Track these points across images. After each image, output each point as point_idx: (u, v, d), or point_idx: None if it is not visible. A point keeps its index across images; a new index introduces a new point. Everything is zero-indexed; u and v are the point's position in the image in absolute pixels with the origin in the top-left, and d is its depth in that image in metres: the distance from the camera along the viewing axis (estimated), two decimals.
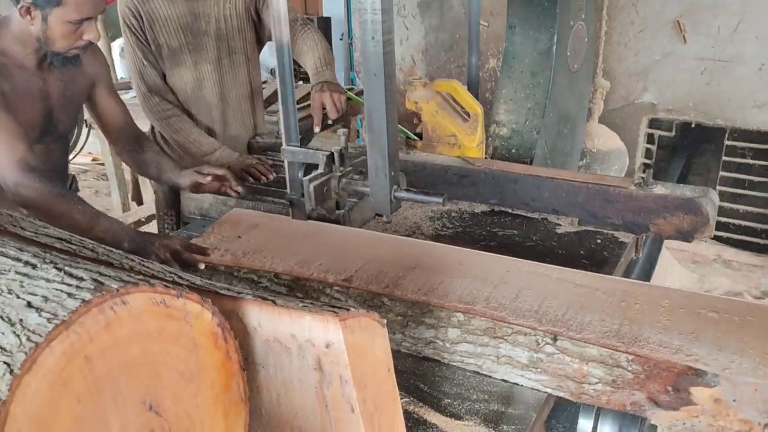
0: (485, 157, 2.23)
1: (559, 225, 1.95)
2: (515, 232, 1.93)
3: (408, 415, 1.19)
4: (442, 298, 1.37)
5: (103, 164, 5.23)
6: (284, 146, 1.63)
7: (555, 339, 1.23)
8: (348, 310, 0.91)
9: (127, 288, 0.78)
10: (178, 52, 2.34)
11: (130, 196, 3.75)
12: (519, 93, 2.50)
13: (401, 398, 1.14)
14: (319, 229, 1.72)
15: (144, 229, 3.83)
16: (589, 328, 1.24)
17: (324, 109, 2.15)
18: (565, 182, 1.93)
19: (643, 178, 1.87)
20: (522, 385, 1.28)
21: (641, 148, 3.98)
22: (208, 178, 1.97)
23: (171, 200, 2.46)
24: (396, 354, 1.11)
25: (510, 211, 2.05)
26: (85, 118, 4.64)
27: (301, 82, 5.25)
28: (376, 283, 1.45)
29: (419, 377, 1.32)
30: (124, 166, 3.41)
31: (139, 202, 3.83)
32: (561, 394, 1.25)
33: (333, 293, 1.46)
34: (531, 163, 2.39)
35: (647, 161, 3.99)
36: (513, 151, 2.48)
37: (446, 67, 4.54)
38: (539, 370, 1.26)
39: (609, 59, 3.77)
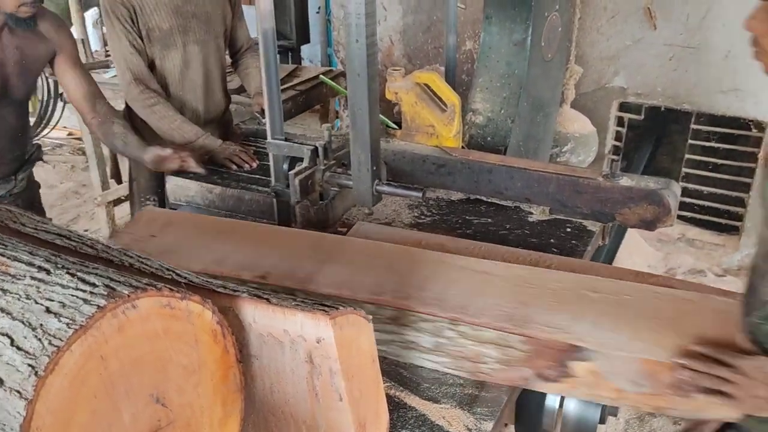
0: (462, 147, 2.30)
1: (531, 213, 2.05)
2: (489, 220, 2.02)
3: (390, 399, 1.28)
4: (354, 291, 1.42)
5: (79, 139, 5.21)
6: (269, 139, 1.69)
7: (456, 324, 1.33)
8: (337, 308, 0.99)
9: (137, 293, 0.85)
10: (168, 35, 2.42)
11: (109, 173, 3.76)
12: (495, 82, 2.57)
13: (384, 383, 1.23)
14: (234, 226, 1.70)
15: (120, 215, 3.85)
16: (486, 312, 1.33)
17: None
18: (537, 173, 2.01)
19: (610, 169, 1.96)
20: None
21: (612, 131, 4.08)
22: (169, 151, 2.14)
23: (153, 186, 2.52)
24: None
25: (485, 199, 2.14)
26: (60, 92, 4.63)
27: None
28: (290, 279, 1.46)
29: (401, 365, 1.41)
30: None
31: (119, 180, 3.84)
32: (459, 374, 1.36)
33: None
34: (505, 151, 2.47)
35: (617, 143, 4.11)
36: (488, 139, 2.56)
37: (423, 48, 4.59)
38: (441, 353, 1.36)
39: (581, 44, 3.85)
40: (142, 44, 2.39)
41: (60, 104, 4.84)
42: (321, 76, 3.35)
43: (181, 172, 2.17)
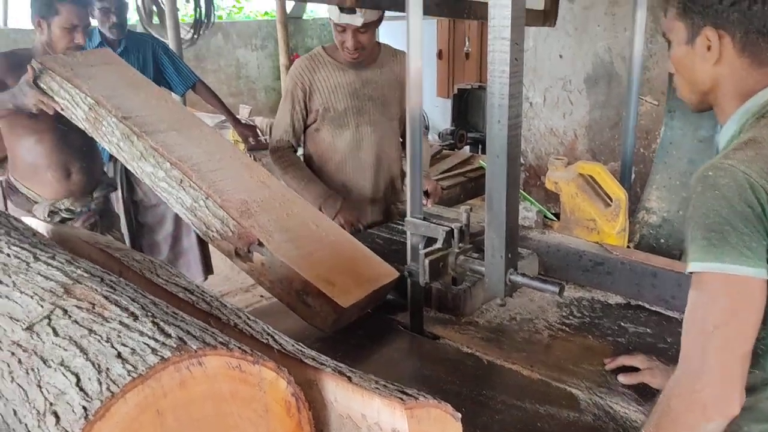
0: (628, 246, 2.10)
1: None
2: (649, 330, 1.79)
3: None
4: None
5: None
6: (408, 217, 1.66)
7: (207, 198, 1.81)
8: (417, 398, 0.90)
9: (204, 350, 0.82)
10: (342, 115, 2.57)
11: None
12: (674, 180, 2.35)
13: None
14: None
15: None
16: (230, 199, 1.81)
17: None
18: None
19: None
20: None
21: None
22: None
23: None
24: None
25: (647, 306, 1.92)
26: None
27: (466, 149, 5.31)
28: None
29: None
30: None
31: None
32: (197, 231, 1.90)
33: None
34: (680, 256, 2.22)
35: None
36: (662, 240, 2.32)
37: (609, 144, 4.39)
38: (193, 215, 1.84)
39: None
40: (303, 123, 2.63)
41: None
42: (480, 161, 3.32)
43: None
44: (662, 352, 1.68)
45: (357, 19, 2.35)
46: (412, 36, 1.58)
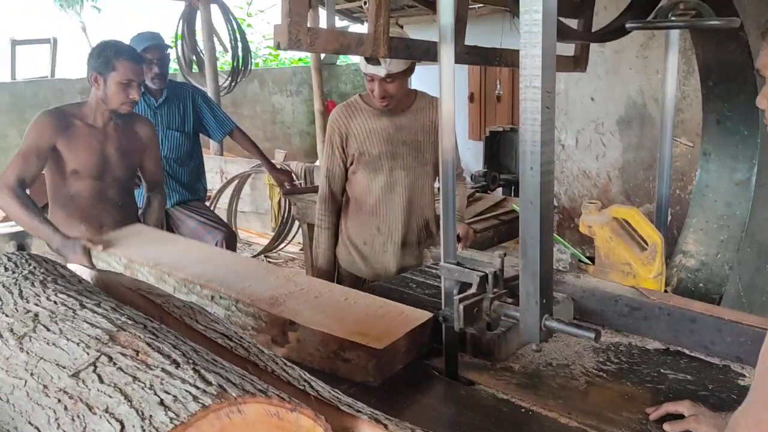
0: (666, 290, 2.08)
1: (743, 376, 1.74)
2: (689, 377, 1.76)
3: None
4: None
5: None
6: (442, 262, 1.67)
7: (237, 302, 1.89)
8: None
9: (244, 397, 0.84)
10: (376, 159, 2.64)
11: None
12: (711, 223, 2.33)
13: None
14: None
15: None
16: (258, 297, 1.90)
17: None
18: (752, 329, 1.73)
19: None
20: None
21: None
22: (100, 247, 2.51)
23: None
24: None
25: (687, 352, 1.88)
26: (293, 213, 5.13)
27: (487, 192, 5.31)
28: None
29: None
30: None
31: None
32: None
33: None
34: (720, 301, 2.18)
35: None
36: (700, 285, 2.28)
37: (644, 186, 4.36)
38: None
39: None
40: (344, 167, 2.71)
41: (296, 223, 5.37)
42: (513, 205, 3.32)
43: None
44: (704, 399, 1.63)
45: (381, 70, 2.45)
46: (444, 80, 1.62)
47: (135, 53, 2.82)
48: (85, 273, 1.71)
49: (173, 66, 6.91)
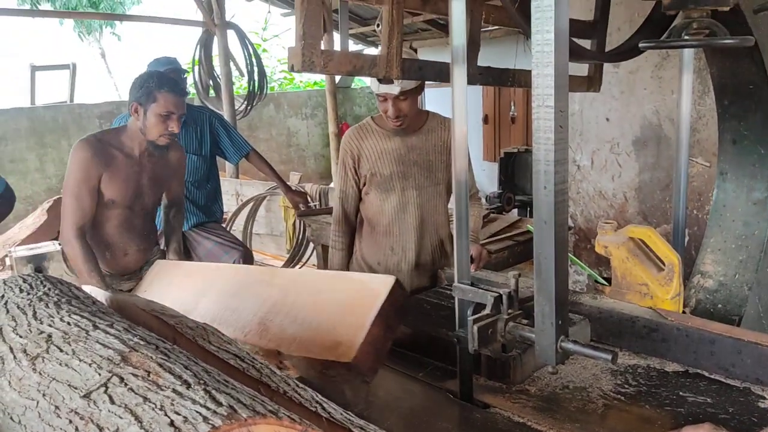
0: (684, 312, 2.05)
1: (764, 399, 1.71)
2: (709, 400, 1.72)
3: None
4: None
5: None
6: (456, 283, 1.66)
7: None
8: None
9: (254, 418, 0.83)
10: (388, 179, 2.65)
11: None
12: (729, 244, 2.30)
13: None
14: None
15: None
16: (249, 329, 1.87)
17: None
18: None
19: None
20: None
21: None
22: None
23: None
24: None
25: (707, 375, 1.84)
26: (308, 235, 5.15)
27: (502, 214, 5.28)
28: None
29: None
30: None
31: None
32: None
33: None
34: (739, 322, 2.14)
35: None
36: (719, 306, 2.25)
37: (661, 207, 4.32)
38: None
39: None
40: (357, 188, 2.75)
41: (311, 245, 5.38)
42: (528, 225, 3.31)
43: None
44: (724, 422, 1.60)
45: (394, 89, 2.47)
46: (456, 101, 1.62)
47: (177, 86, 2.77)
48: (99, 294, 1.72)
49: (190, 90, 7.00)
